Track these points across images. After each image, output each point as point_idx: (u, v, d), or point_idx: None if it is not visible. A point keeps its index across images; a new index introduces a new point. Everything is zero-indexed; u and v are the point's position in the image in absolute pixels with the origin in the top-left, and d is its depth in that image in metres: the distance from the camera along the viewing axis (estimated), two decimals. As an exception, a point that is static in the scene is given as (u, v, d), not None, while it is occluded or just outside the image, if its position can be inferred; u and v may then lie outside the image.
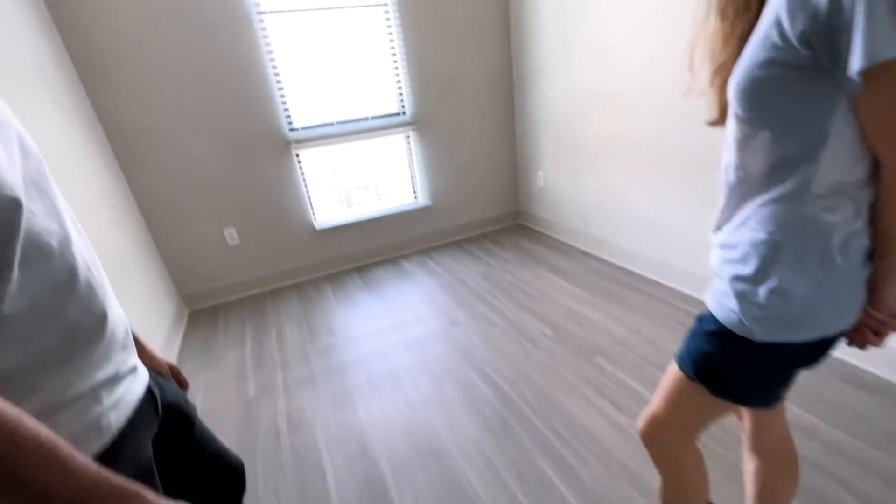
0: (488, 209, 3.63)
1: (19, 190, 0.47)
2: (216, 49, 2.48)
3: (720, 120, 0.77)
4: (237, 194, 2.79)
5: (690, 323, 2.04)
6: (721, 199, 0.74)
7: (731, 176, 0.70)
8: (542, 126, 3.15)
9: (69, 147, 1.92)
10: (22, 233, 0.47)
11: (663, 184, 2.31)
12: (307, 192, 2.98)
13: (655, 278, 2.52)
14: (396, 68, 2.95)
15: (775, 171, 0.63)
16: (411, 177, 3.29)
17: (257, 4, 2.50)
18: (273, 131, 2.75)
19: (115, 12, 2.24)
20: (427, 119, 3.13)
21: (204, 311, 2.86)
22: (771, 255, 0.65)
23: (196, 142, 2.60)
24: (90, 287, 0.57)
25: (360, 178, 3.13)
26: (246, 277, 2.98)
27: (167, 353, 2.34)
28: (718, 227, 0.76)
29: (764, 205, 0.65)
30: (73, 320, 0.53)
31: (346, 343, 2.30)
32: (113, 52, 2.29)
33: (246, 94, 2.62)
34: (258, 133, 2.72)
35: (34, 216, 0.50)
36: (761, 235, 0.66)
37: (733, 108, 0.65)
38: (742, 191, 0.69)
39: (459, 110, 3.22)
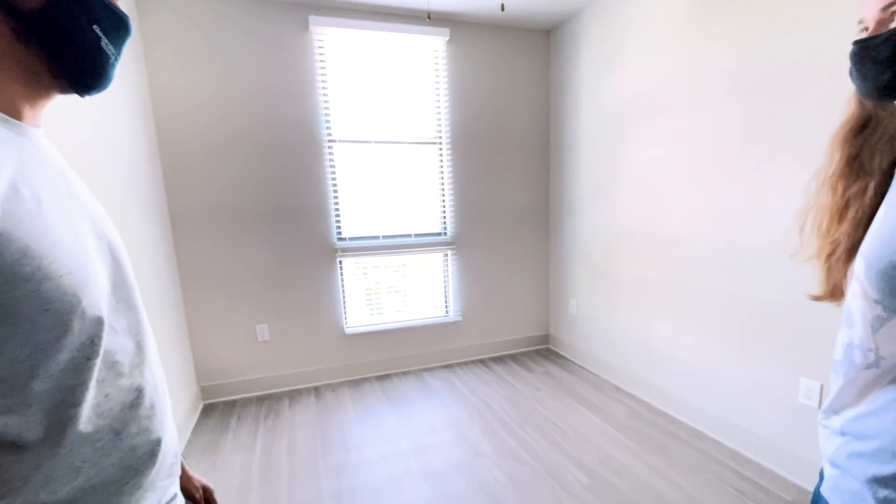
0: (517, 331, 3.58)
1: (104, 307, 0.48)
2: (289, 164, 2.78)
3: (827, 296, 0.75)
4: (276, 292, 2.87)
5: (749, 492, 1.84)
6: (838, 378, 0.68)
7: (857, 357, 0.64)
8: (576, 257, 3.24)
9: (141, 235, 2.07)
10: (101, 352, 0.47)
11: (707, 329, 2.26)
12: (343, 297, 3.04)
13: (702, 429, 2.33)
14: (443, 194, 3.20)
15: None
16: (444, 291, 3.34)
17: (329, 134, 2.85)
18: (322, 239, 2.92)
19: (201, 119, 2.59)
20: (466, 240, 3.29)
21: (219, 406, 2.75)
22: None
23: (251, 238, 2.77)
24: (152, 408, 0.55)
25: (395, 288, 3.20)
26: (268, 374, 2.92)
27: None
28: (835, 411, 0.70)
29: None
30: (132, 444, 0.51)
31: (360, 463, 2.13)
32: (192, 153, 2.59)
33: (305, 205, 2.85)
34: (309, 239, 2.89)
35: (115, 333, 0.50)
36: None
37: (863, 287, 0.61)
38: (872, 375, 0.63)
39: (497, 235, 3.38)
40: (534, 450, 2.20)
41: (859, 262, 0.62)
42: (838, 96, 0.71)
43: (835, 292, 0.75)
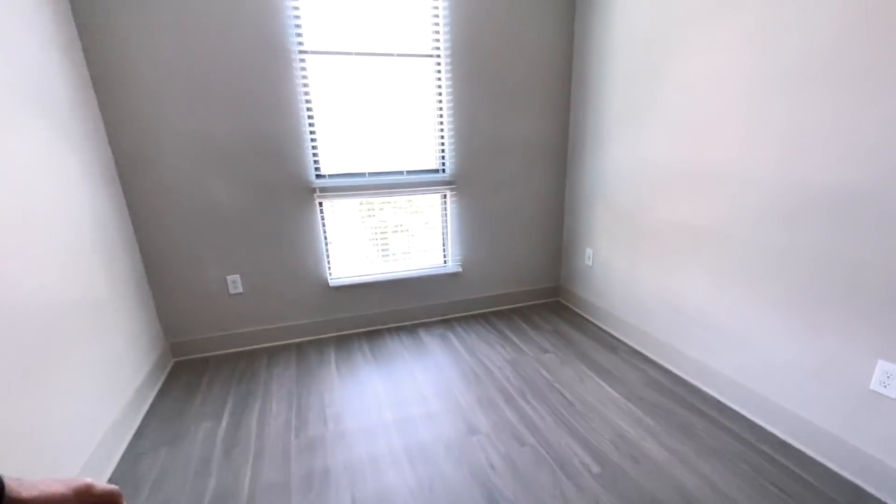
0: (525, 282, 3.21)
1: None
2: (250, 85, 2.28)
3: None
4: (248, 239, 2.50)
5: (792, 489, 1.53)
6: None
7: None
8: (596, 199, 2.78)
9: (60, 176, 1.67)
10: None
11: (755, 291, 1.85)
12: (326, 244, 2.67)
13: (735, 407, 2.00)
14: (441, 123, 2.68)
15: None
16: (443, 238, 2.94)
17: (300, 44, 2.31)
18: (297, 177, 2.49)
19: (147, 32, 2.08)
20: (467, 179, 2.82)
21: (190, 364, 2.50)
22: None
23: (212, 179, 2.35)
24: None
25: (385, 235, 2.80)
26: (244, 330, 2.63)
27: (135, 409, 1.98)
28: None
29: None
30: None
31: (338, 438, 1.87)
32: (136, 79, 2.11)
33: (274, 134, 2.39)
34: (281, 176, 2.46)
35: None
36: None
37: None
38: None
39: (504, 172, 2.90)
40: (537, 427, 1.90)
41: None
42: None
43: None
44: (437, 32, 2.52)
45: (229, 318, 2.59)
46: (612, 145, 2.57)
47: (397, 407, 2.07)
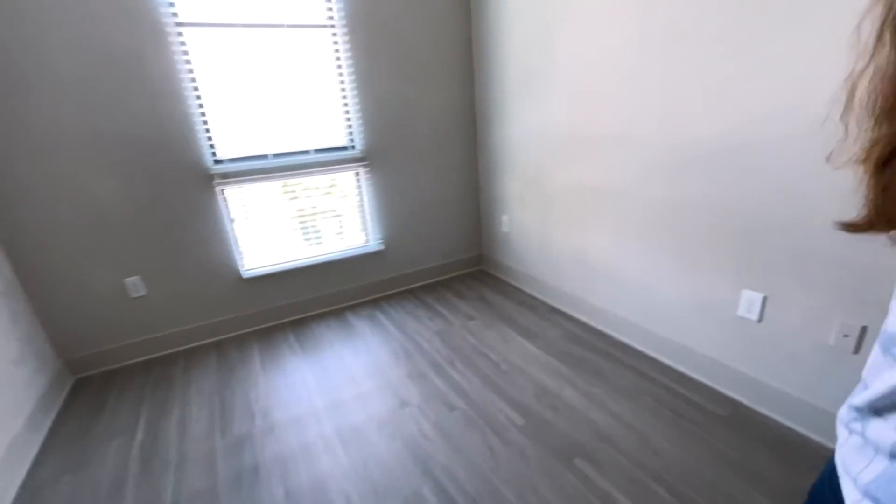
0: (448, 255, 3.26)
1: None
2: (120, 65, 2.02)
3: (872, 225, 0.43)
4: (143, 237, 2.28)
5: (685, 411, 1.76)
6: (887, 364, 0.39)
7: None
8: (507, 168, 2.86)
9: None
10: None
11: (645, 241, 2.03)
12: (233, 234, 2.50)
13: (636, 345, 2.22)
14: (345, 98, 2.58)
15: None
16: (362, 217, 2.88)
17: (174, 14, 2.08)
18: (191, 164, 2.29)
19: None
20: (380, 154, 2.76)
21: (94, 379, 2.28)
22: None
23: (90, 173, 2.09)
24: None
25: (300, 218, 2.68)
26: (153, 335, 2.43)
27: (29, 439, 1.78)
28: (877, 412, 0.41)
29: None
30: None
31: (267, 432, 1.82)
32: (-29, 59, 1.79)
33: (157, 120, 2.16)
34: (172, 165, 2.24)
35: None
36: None
37: None
38: None
39: (417, 145, 2.88)
40: (465, 391, 1.99)
41: None
42: None
43: (889, 218, 0.44)
44: (330, 0, 2.38)
45: (134, 323, 2.37)
46: (516, 113, 2.63)
47: (327, 392, 2.05)
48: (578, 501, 1.41)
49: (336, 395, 2.03)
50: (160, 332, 2.45)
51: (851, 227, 0.47)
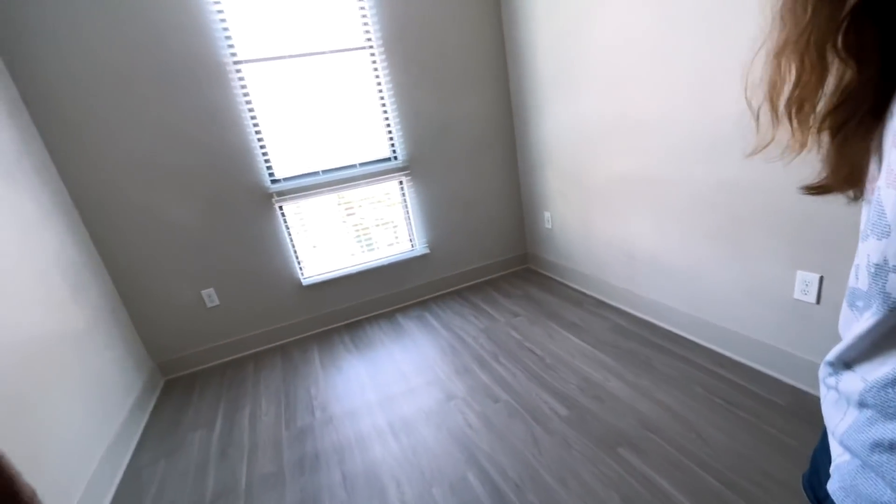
0: (493, 254, 3.32)
1: None
2: (189, 103, 2.32)
3: (838, 184, 0.47)
4: (215, 253, 2.57)
5: (739, 400, 1.68)
6: (858, 315, 0.42)
7: (887, 285, 0.38)
8: (546, 163, 2.88)
9: (18, 221, 1.72)
10: None
11: (690, 227, 1.98)
12: (293, 246, 2.74)
13: (685, 335, 2.15)
14: (385, 112, 2.75)
15: None
16: (407, 224, 3.03)
17: (233, 55, 2.35)
18: (252, 185, 2.55)
19: (83, 67, 2.10)
20: (421, 162, 2.90)
21: (181, 380, 2.59)
22: None
23: (169, 201, 2.41)
24: None
25: (352, 227, 2.88)
26: (227, 341, 2.72)
27: (131, 430, 2.07)
28: (846, 364, 0.44)
29: None
30: None
31: (325, 424, 1.98)
32: (79, 114, 2.14)
33: (222, 148, 2.44)
34: (236, 188, 2.52)
35: None
36: None
37: (888, 178, 0.36)
38: None
39: (456, 151, 2.98)
40: (509, 384, 2.04)
41: (889, 139, 0.34)
42: None
43: (851, 178, 0.46)
44: (367, 24, 2.57)
45: (211, 330, 2.67)
46: (551, 110, 2.66)
47: (380, 388, 2.19)
48: (621, 487, 1.41)
49: (388, 390, 2.16)
50: (232, 337, 2.73)
51: (814, 190, 0.51)
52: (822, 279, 1.54)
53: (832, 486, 0.44)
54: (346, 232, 2.88)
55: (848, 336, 0.43)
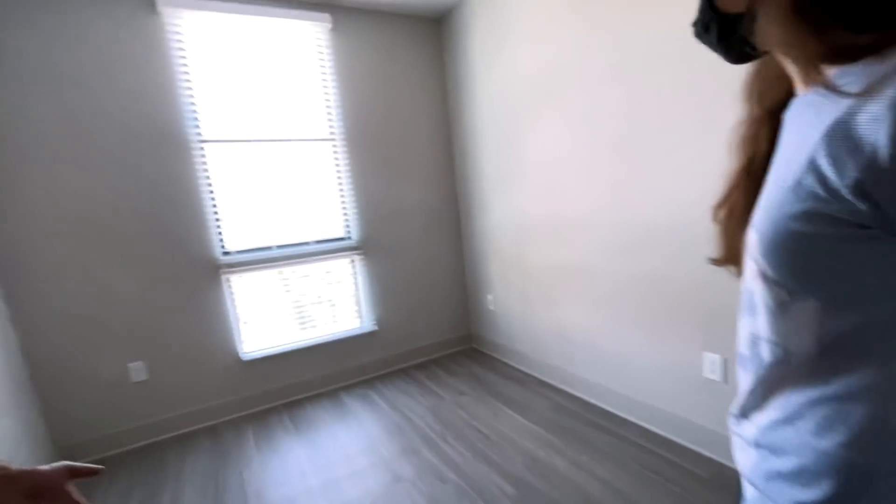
0: (438, 333, 3.42)
1: None
2: (148, 169, 2.35)
3: (724, 261, 0.64)
4: (150, 321, 2.44)
5: (668, 473, 1.82)
6: (747, 376, 0.56)
7: (764, 352, 0.52)
8: (489, 251, 3.15)
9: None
10: None
11: (613, 313, 2.25)
12: (235, 319, 2.67)
13: (620, 413, 2.32)
14: (343, 196, 2.93)
15: (832, 355, 0.45)
16: (356, 300, 3.08)
17: (198, 134, 2.46)
18: (201, 255, 2.53)
19: (35, 108, 2.10)
20: (373, 243, 3.05)
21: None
22: (855, 482, 0.44)
23: (106, 262, 2.31)
24: None
25: (297, 303, 2.88)
26: (151, 420, 2.47)
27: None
28: (743, 415, 0.58)
29: (821, 401, 0.46)
30: None
31: (261, 514, 1.83)
32: (14, 142, 2.09)
33: (176, 218, 2.44)
34: (184, 257, 2.49)
35: None
36: (827, 445, 0.45)
37: (760, 266, 0.49)
38: (779, 373, 0.51)
39: (407, 235, 3.19)
40: (457, 464, 2.04)
41: (752, 237, 0.49)
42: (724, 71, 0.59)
43: (732, 257, 0.65)
44: (331, 117, 2.83)
45: (132, 409, 2.43)
46: (494, 204, 2.99)
47: (322, 471, 2.09)
48: (568, 564, 1.45)
49: (330, 473, 2.06)
50: (157, 416, 2.49)
51: (714, 262, 0.69)
52: (725, 360, 1.81)
53: None
54: (292, 308, 2.87)
55: (740, 392, 0.59)
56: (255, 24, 2.53)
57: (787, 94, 0.54)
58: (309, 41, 2.71)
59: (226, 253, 2.61)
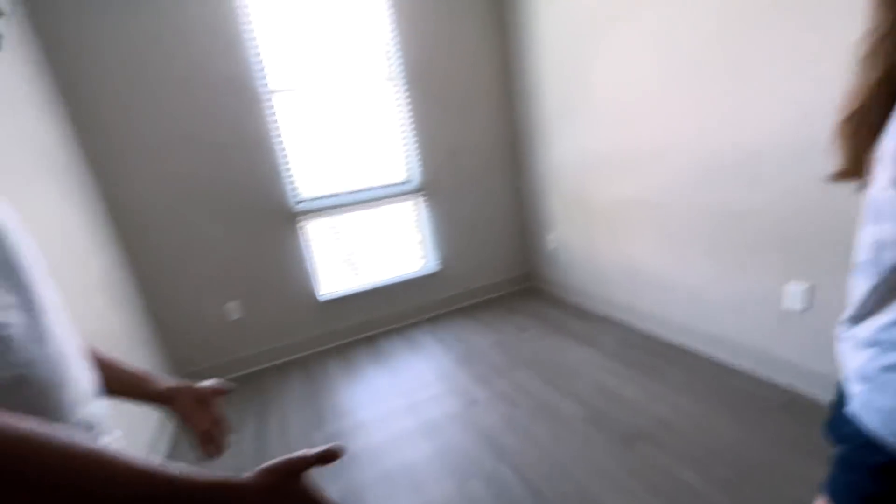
0: (499, 273, 3.50)
1: None
2: (222, 127, 2.49)
3: (849, 172, 0.64)
4: (239, 267, 2.69)
5: (738, 398, 1.86)
6: (864, 282, 0.58)
7: (888, 256, 0.54)
8: (551, 189, 3.11)
9: (63, 231, 1.83)
10: None
11: (687, 247, 2.20)
12: (311, 263, 2.87)
13: (690, 346, 2.34)
14: (404, 139, 2.96)
15: None
16: (420, 242, 3.20)
17: (265, 84, 2.54)
18: (278, 204, 2.70)
19: (125, 86, 2.26)
20: (435, 185, 3.10)
21: (200, 394, 2.64)
22: None
23: (199, 216, 2.53)
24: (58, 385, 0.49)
25: (367, 245, 3.04)
26: (248, 353, 2.80)
27: (158, 441, 2.12)
28: (859, 320, 0.61)
29: None
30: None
31: (356, 428, 2.08)
32: (118, 129, 2.29)
33: (251, 169, 2.60)
34: (262, 206, 2.67)
35: None
36: None
37: (890, 172, 0.50)
38: None
39: (467, 175, 3.20)
40: (527, 390, 2.18)
41: (889, 145, 0.50)
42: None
43: (858, 168, 0.64)
44: (392, 60, 2.80)
45: (234, 343, 2.75)
46: (556, 140, 2.91)
47: (404, 394, 2.30)
48: (643, 476, 1.56)
49: (412, 396, 2.27)
50: (254, 350, 2.81)
51: (836, 177, 0.68)
52: (812, 287, 1.75)
53: (853, 408, 0.61)
54: (360, 251, 3.03)
55: (855, 299, 0.61)
56: (310, -33, 2.49)
57: None
58: (362, -20, 2.64)
59: (299, 201, 2.77)
